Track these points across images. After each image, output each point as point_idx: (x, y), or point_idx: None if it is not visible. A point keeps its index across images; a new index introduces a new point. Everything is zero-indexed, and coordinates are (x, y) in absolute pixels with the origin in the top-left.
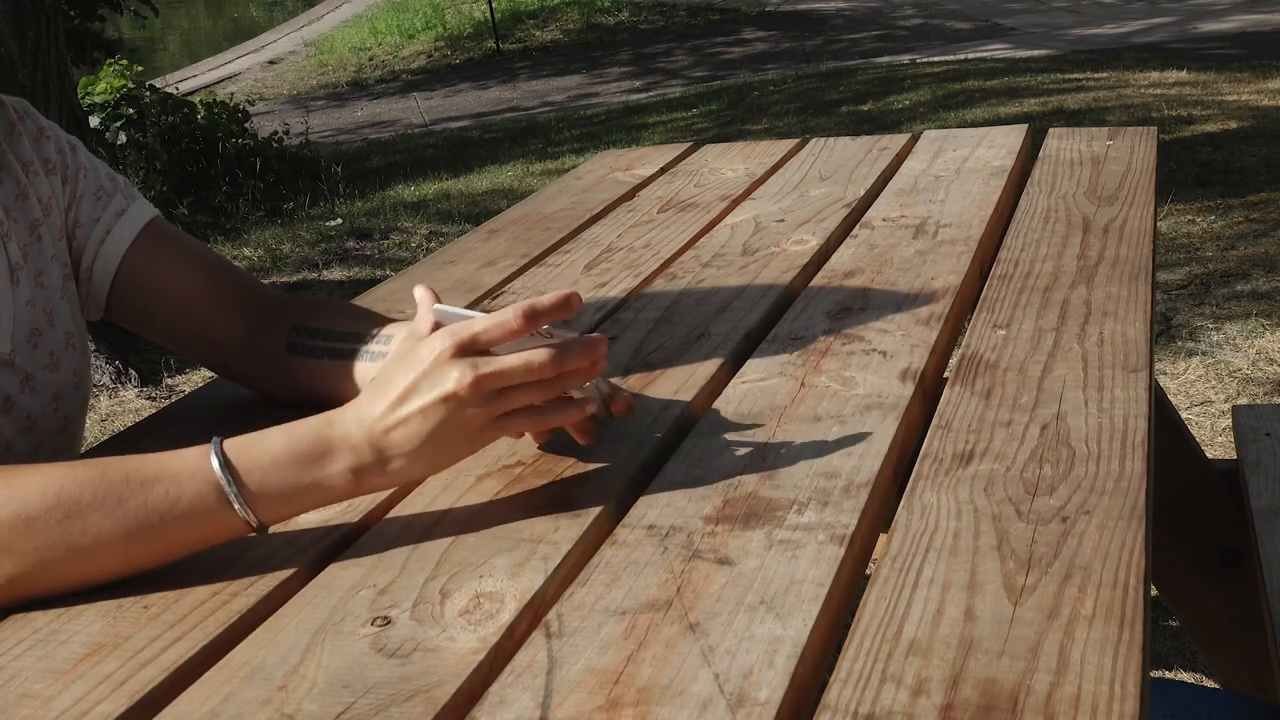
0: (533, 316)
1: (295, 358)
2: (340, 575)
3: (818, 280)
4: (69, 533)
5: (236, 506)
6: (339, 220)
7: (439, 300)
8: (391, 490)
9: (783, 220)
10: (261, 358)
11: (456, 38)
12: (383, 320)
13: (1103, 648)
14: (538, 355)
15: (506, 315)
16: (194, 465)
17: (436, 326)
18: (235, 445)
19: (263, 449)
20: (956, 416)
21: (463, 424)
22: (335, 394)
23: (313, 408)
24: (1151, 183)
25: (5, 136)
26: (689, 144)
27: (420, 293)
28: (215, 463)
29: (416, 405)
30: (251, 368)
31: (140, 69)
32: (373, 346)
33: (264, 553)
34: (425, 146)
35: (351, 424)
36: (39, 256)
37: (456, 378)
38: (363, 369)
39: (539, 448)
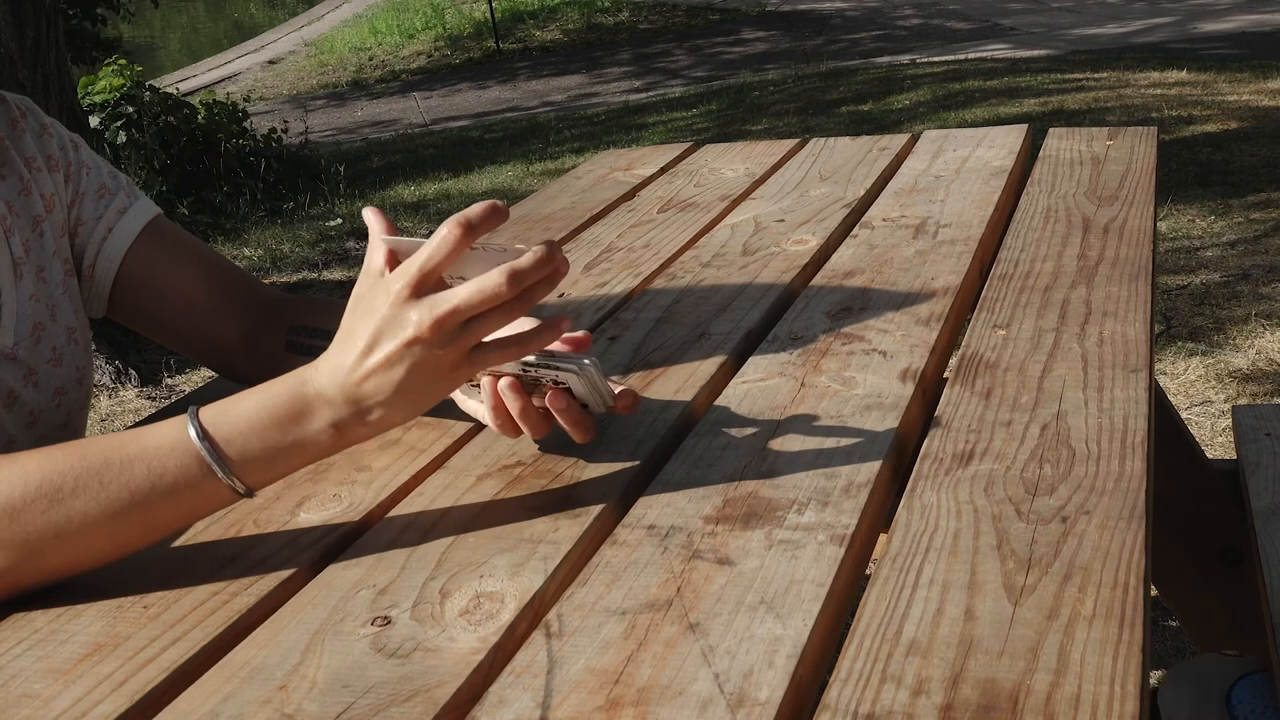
0: (468, 226)
1: (295, 356)
2: (340, 575)
3: (818, 280)
4: (55, 521)
5: (221, 475)
6: (339, 220)
7: (391, 230)
8: (392, 489)
9: (783, 220)
10: (262, 356)
11: (456, 38)
12: None
13: (1103, 648)
14: (490, 278)
15: (442, 231)
16: (173, 439)
17: (391, 257)
18: (211, 413)
19: (239, 414)
20: (956, 416)
21: (433, 365)
22: None
23: None
24: (1151, 183)
25: (8, 133)
26: (689, 144)
27: (371, 218)
28: (194, 434)
29: (382, 355)
30: (251, 367)
31: (140, 69)
32: None
33: (264, 553)
34: (425, 146)
35: (325, 378)
36: (41, 252)
37: (416, 321)
38: None
39: (537, 444)
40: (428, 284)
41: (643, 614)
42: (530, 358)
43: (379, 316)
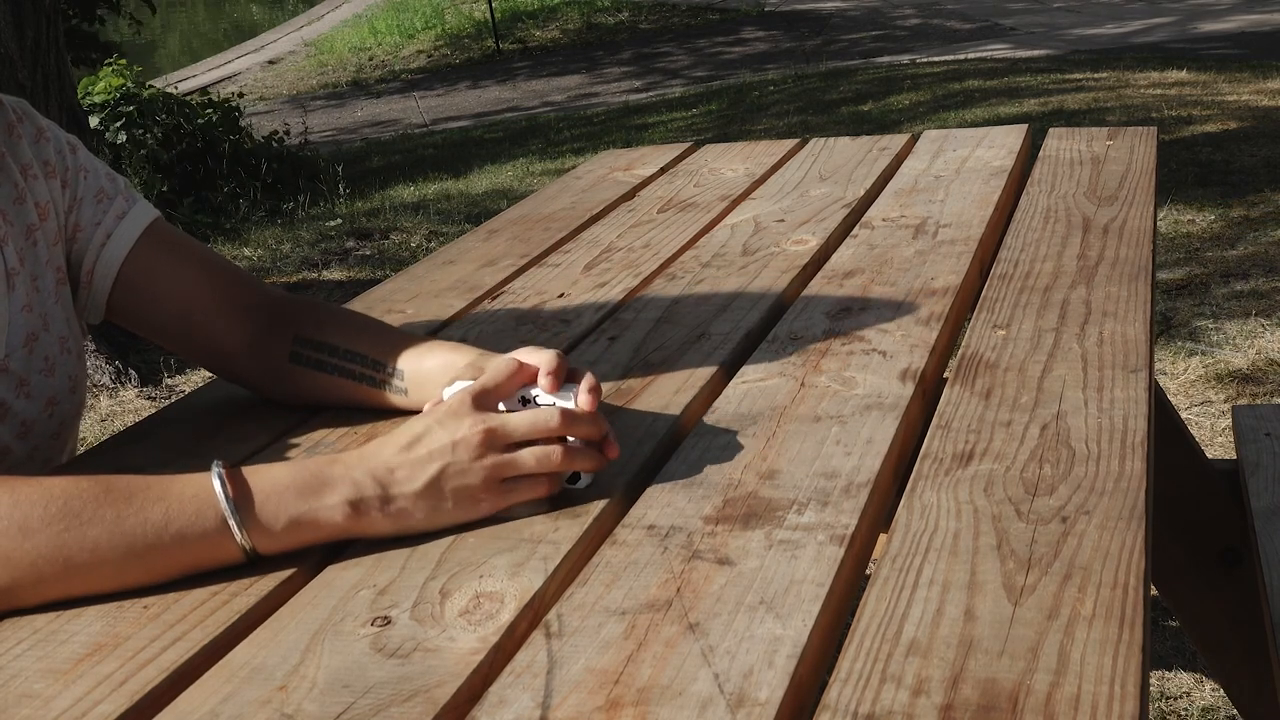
0: (523, 362)
1: (299, 368)
2: (340, 575)
3: (818, 280)
4: (67, 546)
5: (234, 529)
6: (339, 220)
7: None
8: None
9: (783, 220)
10: (264, 362)
11: (456, 38)
12: (391, 342)
13: (1103, 648)
14: (546, 412)
15: (504, 360)
16: (196, 487)
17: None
18: (239, 471)
19: (265, 477)
20: (956, 416)
21: (466, 476)
22: (340, 404)
23: (315, 412)
24: (1151, 183)
25: (4, 139)
26: (689, 144)
27: (505, 365)
28: (217, 485)
29: (424, 449)
30: (253, 372)
31: (139, 69)
32: (391, 379)
33: None
34: (425, 146)
35: (354, 459)
36: (34, 261)
37: (468, 425)
38: (375, 397)
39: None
40: (488, 400)
41: (643, 614)
42: (533, 394)
43: (433, 417)
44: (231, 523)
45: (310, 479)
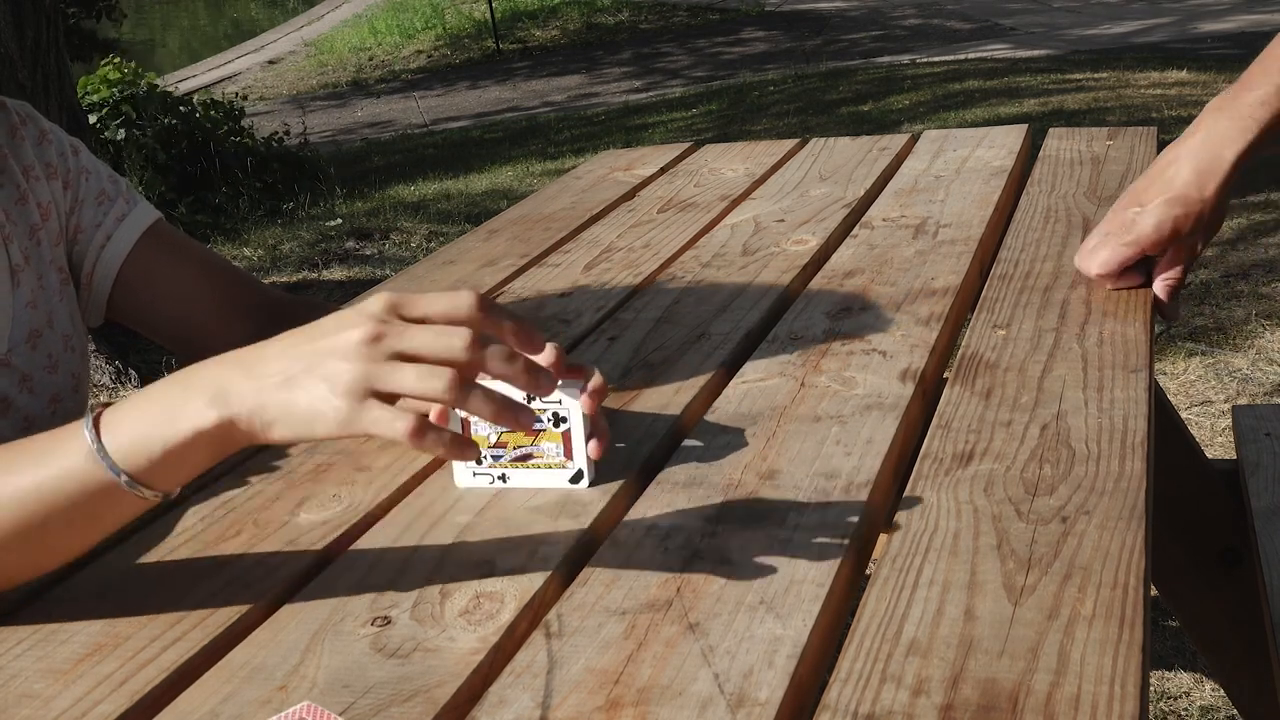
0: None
1: None
2: (340, 575)
3: (818, 280)
4: None
5: (99, 456)
6: (339, 220)
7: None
8: (391, 490)
9: (783, 220)
10: None
11: (456, 38)
12: None
13: (1103, 648)
14: (466, 295)
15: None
16: (65, 437)
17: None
18: (106, 407)
19: (132, 399)
20: (956, 416)
21: (355, 335)
22: None
23: None
24: None
25: (7, 141)
26: (689, 144)
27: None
28: (86, 431)
29: (313, 328)
30: None
31: (137, 67)
32: None
33: (264, 552)
34: (425, 146)
35: (230, 354)
36: (39, 260)
37: (370, 300)
38: None
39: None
40: (411, 306)
41: (643, 614)
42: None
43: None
44: (96, 451)
45: (170, 380)
